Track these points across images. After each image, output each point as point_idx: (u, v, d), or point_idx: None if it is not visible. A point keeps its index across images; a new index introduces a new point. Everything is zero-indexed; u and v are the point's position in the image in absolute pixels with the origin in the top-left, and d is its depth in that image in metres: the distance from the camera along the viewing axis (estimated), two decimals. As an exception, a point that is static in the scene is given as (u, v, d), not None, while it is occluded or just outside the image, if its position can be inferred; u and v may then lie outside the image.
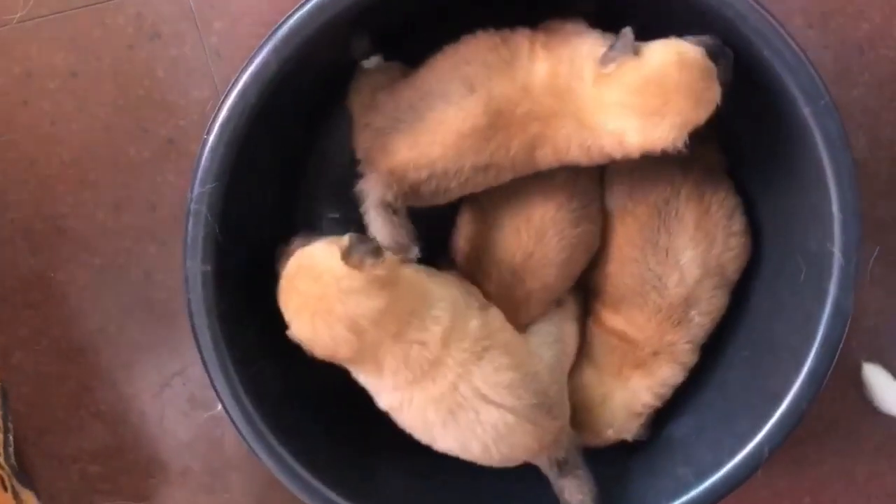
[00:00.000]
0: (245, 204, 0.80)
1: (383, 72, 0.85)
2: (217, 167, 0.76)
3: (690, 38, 0.77)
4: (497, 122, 0.77)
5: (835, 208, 0.77)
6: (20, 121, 0.97)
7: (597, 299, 0.91)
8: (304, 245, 0.76)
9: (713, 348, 0.92)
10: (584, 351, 0.91)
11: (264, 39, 0.74)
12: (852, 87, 0.97)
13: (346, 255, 0.71)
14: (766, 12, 0.75)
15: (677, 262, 0.86)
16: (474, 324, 0.78)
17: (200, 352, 0.79)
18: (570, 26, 0.80)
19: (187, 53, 0.95)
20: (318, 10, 0.73)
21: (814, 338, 0.80)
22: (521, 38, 0.79)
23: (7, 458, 0.98)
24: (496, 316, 0.82)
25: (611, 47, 0.75)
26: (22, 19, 0.94)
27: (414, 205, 0.82)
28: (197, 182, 0.76)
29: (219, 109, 0.75)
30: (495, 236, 0.87)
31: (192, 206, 0.76)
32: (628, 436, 0.91)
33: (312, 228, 0.91)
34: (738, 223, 0.88)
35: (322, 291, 0.72)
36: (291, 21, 0.73)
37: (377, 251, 0.72)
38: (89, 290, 1.01)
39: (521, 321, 0.87)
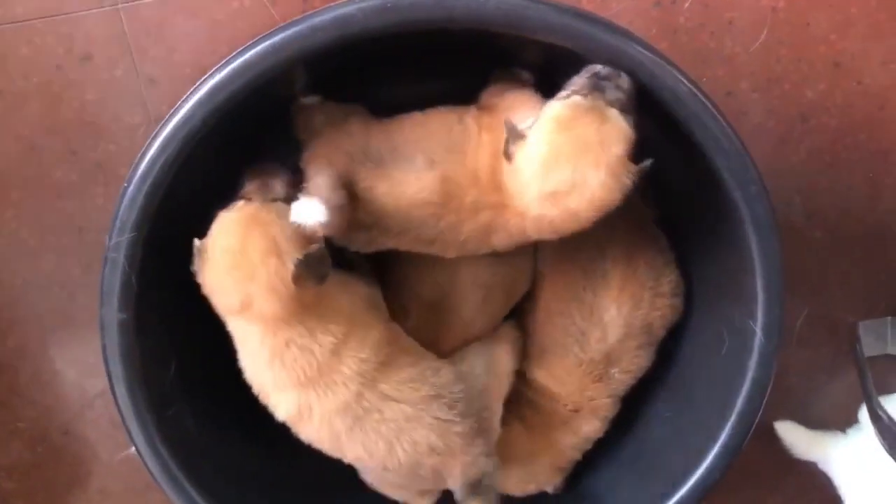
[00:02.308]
0: (167, 248, 0.78)
1: (328, 108, 0.82)
2: (136, 217, 0.73)
3: (573, 80, 0.72)
4: (449, 203, 0.76)
5: (759, 290, 0.78)
6: (-59, 134, 0.93)
7: (525, 348, 0.91)
8: (283, 184, 0.77)
9: (637, 402, 0.92)
10: (512, 409, 0.90)
11: (189, 92, 0.71)
12: (792, 153, 0.97)
13: (298, 265, 0.72)
14: (703, 96, 0.74)
15: (601, 319, 0.87)
16: (375, 335, 0.78)
17: (115, 400, 0.78)
18: (510, 97, 0.78)
19: (119, 78, 0.92)
20: (244, 67, 0.70)
21: (731, 411, 0.81)
22: (472, 121, 0.77)
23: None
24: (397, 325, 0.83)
25: (506, 142, 0.72)
26: (-55, 32, 0.90)
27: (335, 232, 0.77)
28: (115, 231, 0.74)
29: (140, 160, 0.72)
30: (413, 271, 0.86)
31: (109, 255, 0.74)
32: (549, 488, 0.92)
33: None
34: (667, 284, 0.88)
35: (257, 262, 0.72)
36: (217, 77, 0.70)
37: (322, 278, 0.74)
38: (9, 309, 0.99)
39: (443, 354, 0.86)
